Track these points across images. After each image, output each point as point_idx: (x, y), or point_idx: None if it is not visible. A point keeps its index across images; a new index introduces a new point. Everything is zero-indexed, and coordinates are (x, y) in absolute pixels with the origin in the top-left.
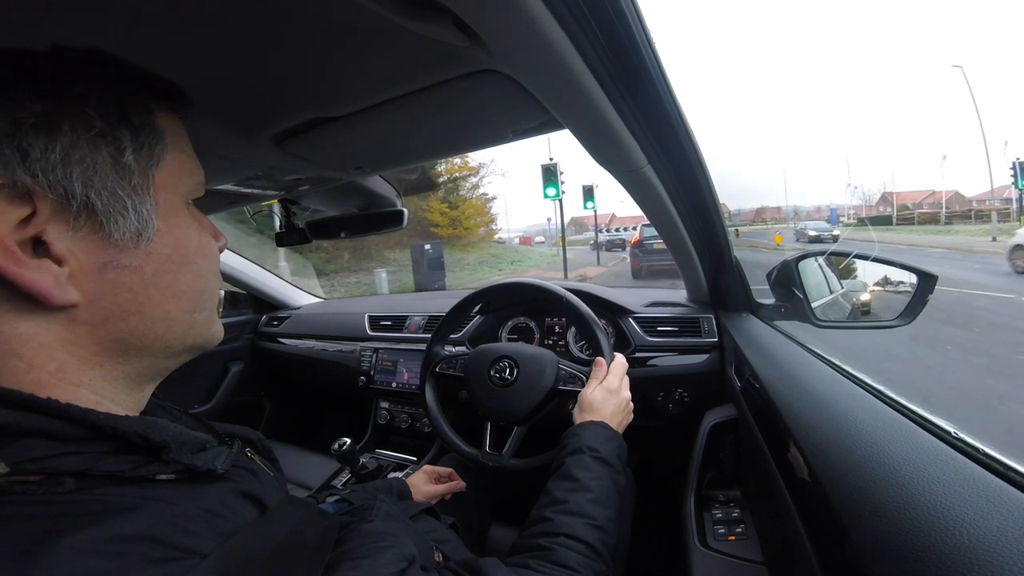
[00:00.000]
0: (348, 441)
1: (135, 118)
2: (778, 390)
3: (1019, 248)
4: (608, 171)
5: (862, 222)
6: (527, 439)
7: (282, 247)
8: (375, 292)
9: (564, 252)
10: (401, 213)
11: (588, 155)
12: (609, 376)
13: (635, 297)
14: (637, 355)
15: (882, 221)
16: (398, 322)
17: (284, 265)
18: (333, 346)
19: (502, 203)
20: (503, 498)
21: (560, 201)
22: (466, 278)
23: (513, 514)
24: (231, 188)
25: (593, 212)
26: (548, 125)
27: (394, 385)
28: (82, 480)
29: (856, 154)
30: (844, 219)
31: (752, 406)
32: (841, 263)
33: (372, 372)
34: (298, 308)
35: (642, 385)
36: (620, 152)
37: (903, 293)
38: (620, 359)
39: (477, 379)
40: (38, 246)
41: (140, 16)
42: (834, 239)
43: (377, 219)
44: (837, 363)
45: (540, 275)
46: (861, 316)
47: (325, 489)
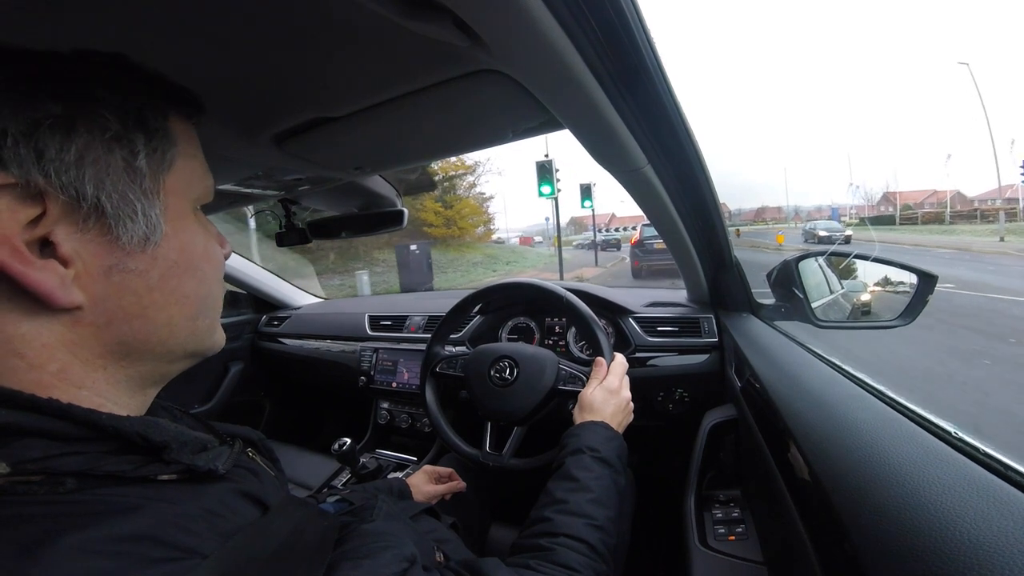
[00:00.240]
0: (348, 441)
1: (150, 123)
2: (778, 390)
3: None
4: (608, 171)
5: (863, 222)
6: (527, 439)
7: (282, 247)
8: (356, 295)
9: (560, 252)
10: (401, 213)
11: (588, 155)
12: (609, 376)
13: (635, 297)
14: (637, 355)
15: (884, 221)
16: (398, 322)
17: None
18: (333, 346)
19: (501, 203)
20: (503, 498)
21: (556, 200)
22: (458, 280)
23: (513, 514)
24: (231, 188)
25: (591, 211)
26: (548, 125)
27: (394, 385)
28: (83, 480)
29: (858, 153)
30: (846, 219)
31: (752, 406)
32: (841, 263)
33: (372, 372)
34: (298, 308)
35: (642, 385)
36: (620, 152)
37: (903, 293)
38: (620, 359)
39: (477, 379)
40: (45, 246)
41: (140, 16)
42: (846, 240)
43: (377, 219)
44: (837, 363)
45: (535, 276)
46: (861, 316)
47: (325, 489)
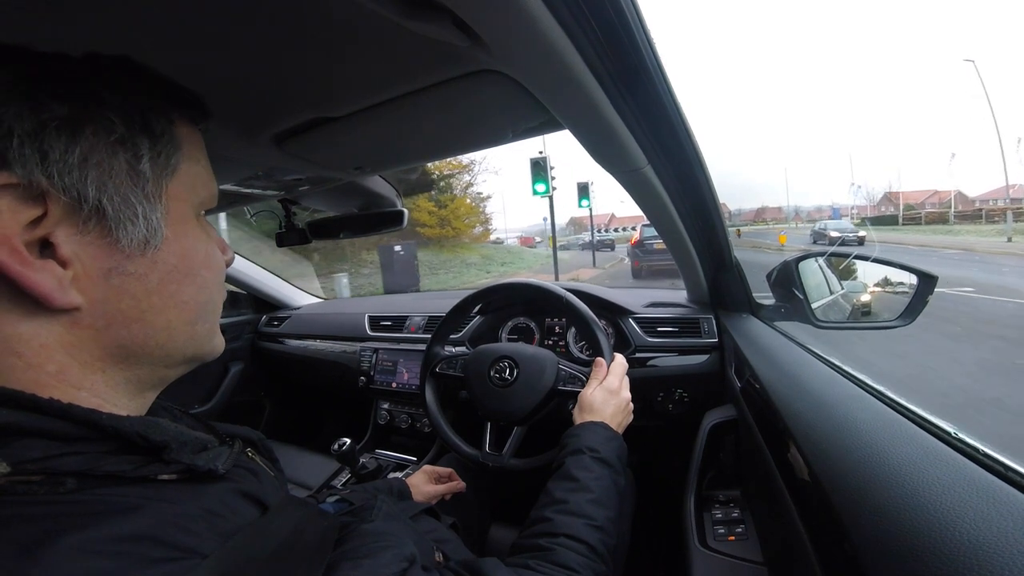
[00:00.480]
0: (348, 441)
1: (155, 127)
2: (778, 390)
3: None
4: (608, 171)
5: (864, 222)
6: (527, 439)
7: (282, 247)
8: (335, 298)
9: (555, 253)
10: (401, 213)
11: (588, 154)
12: (609, 376)
13: (635, 297)
14: (637, 355)
15: (886, 221)
16: (398, 322)
17: None
18: (333, 346)
19: (499, 202)
20: (503, 498)
21: (551, 198)
22: (449, 282)
23: (513, 514)
24: (231, 188)
25: (589, 211)
26: (548, 125)
27: (394, 385)
28: (83, 480)
29: (860, 152)
30: (847, 219)
31: (752, 406)
32: (841, 264)
33: (372, 372)
34: (298, 308)
35: (642, 385)
36: (620, 152)
37: (903, 294)
38: (620, 359)
39: (477, 379)
40: (45, 247)
41: (140, 16)
42: (860, 241)
43: (377, 219)
44: (837, 363)
45: (530, 277)
46: (861, 317)
47: (325, 489)
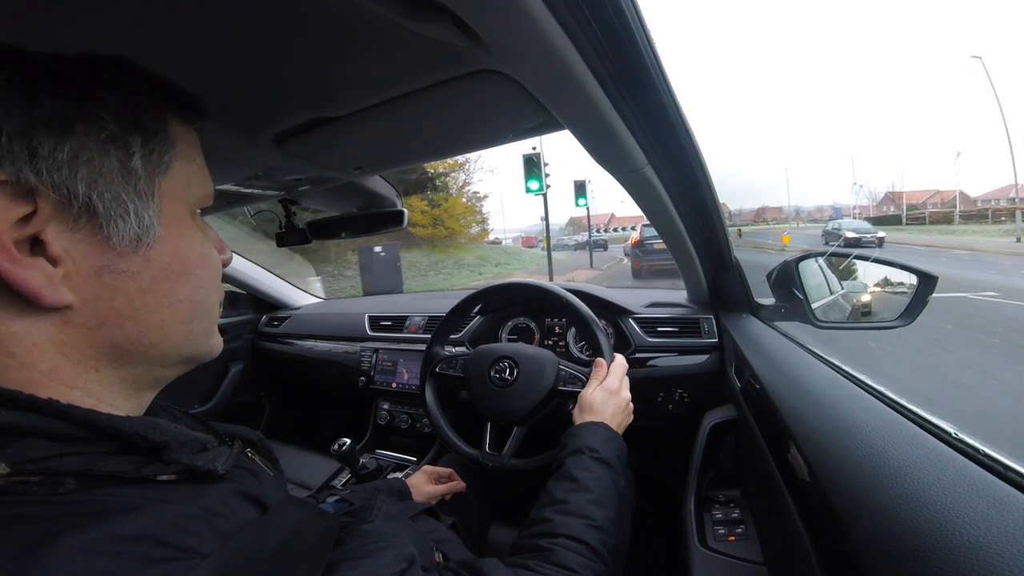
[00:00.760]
0: (348, 441)
1: (148, 125)
2: (778, 391)
3: None
4: (608, 171)
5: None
6: (527, 439)
7: (282, 247)
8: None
9: (549, 253)
10: (401, 213)
11: (588, 154)
12: (609, 377)
13: (635, 297)
14: (637, 355)
15: (889, 221)
16: (398, 322)
17: None
18: (333, 346)
19: (498, 202)
20: (503, 498)
21: (545, 196)
22: (439, 284)
23: (513, 514)
24: (231, 188)
25: (586, 210)
26: (548, 125)
27: (394, 385)
28: (83, 480)
29: (862, 152)
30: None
31: (752, 406)
32: (841, 264)
33: (372, 372)
34: (298, 308)
35: (642, 386)
36: (620, 152)
37: (903, 294)
38: (620, 360)
39: (477, 379)
40: (36, 245)
41: (140, 17)
42: (879, 242)
43: (377, 219)
44: (837, 364)
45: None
46: (862, 317)
47: (325, 489)
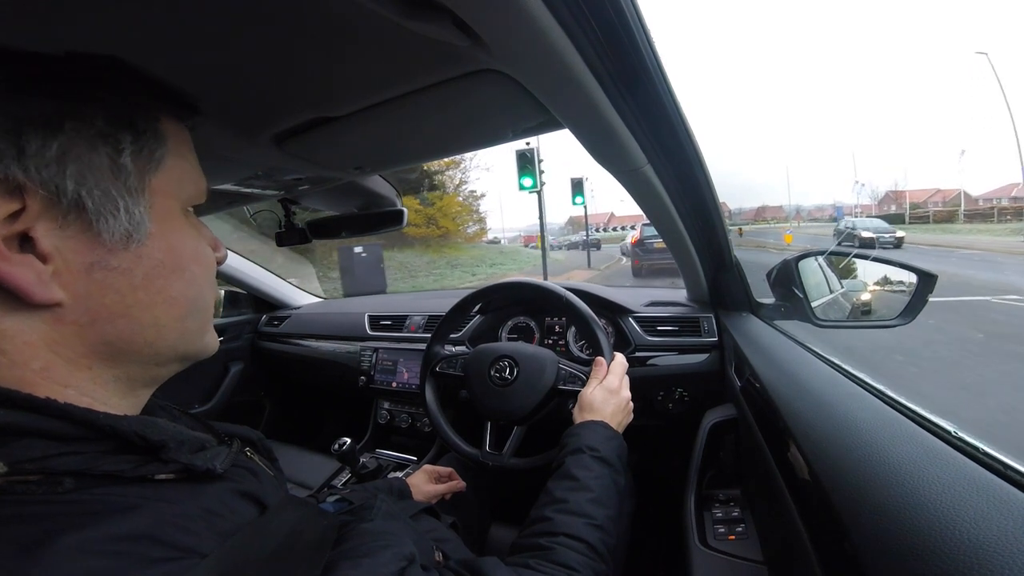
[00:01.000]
0: (348, 441)
1: (138, 122)
2: (778, 389)
3: None
4: (608, 170)
5: None
6: (527, 439)
7: (282, 247)
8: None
9: (544, 253)
10: (401, 213)
11: (587, 153)
12: (609, 376)
13: (635, 296)
14: (637, 355)
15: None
16: (398, 322)
17: None
18: (333, 346)
19: (496, 200)
20: (503, 498)
21: (540, 194)
22: (428, 285)
23: (513, 514)
24: (231, 188)
25: (583, 208)
26: (548, 125)
27: (394, 385)
28: (81, 480)
29: (863, 150)
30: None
31: (752, 405)
32: (841, 263)
33: (372, 372)
34: (298, 308)
35: (642, 385)
36: (620, 151)
37: (903, 293)
38: (620, 359)
39: (477, 378)
40: (25, 242)
41: (140, 17)
42: (897, 243)
43: (377, 219)
44: (837, 363)
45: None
46: (861, 316)
47: (325, 489)
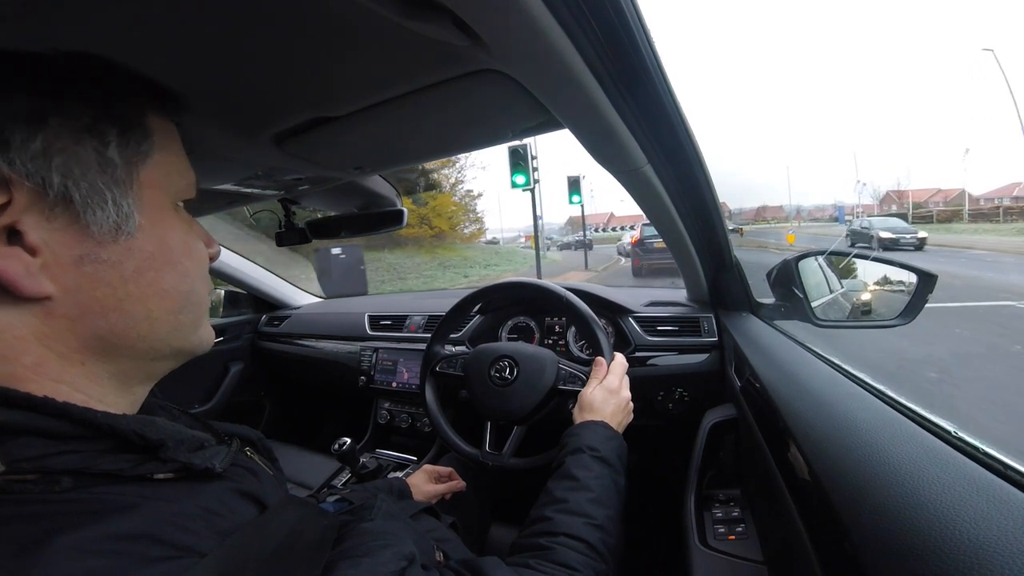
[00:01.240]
0: (348, 441)
1: (124, 117)
2: (778, 389)
3: None
4: (607, 170)
5: None
6: (527, 438)
7: (282, 247)
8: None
9: (538, 253)
10: (401, 213)
11: (587, 153)
12: (609, 376)
13: (635, 296)
14: (637, 354)
15: None
16: (398, 322)
17: None
18: (333, 346)
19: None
20: (503, 498)
21: (533, 192)
22: (417, 288)
23: (513, 514)
24: (231, 188)
25: (580, 207)
26: (548, 125)
27: (394, 385)
28: (79, 479)
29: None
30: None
31: (752, 405)
32: (841, 263)
33: (372, 372)
34: (298, 308)
35: (642, 385)
36: (620, 151)
37: (903, 293)
38: (620, 359)
39: (477, 378)
40: (13, 235)
41: (140, 17)
42: (920, 243)
43: (377, 219)
44: (837, 363)
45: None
46: (861, 316)
47: (325, 489)
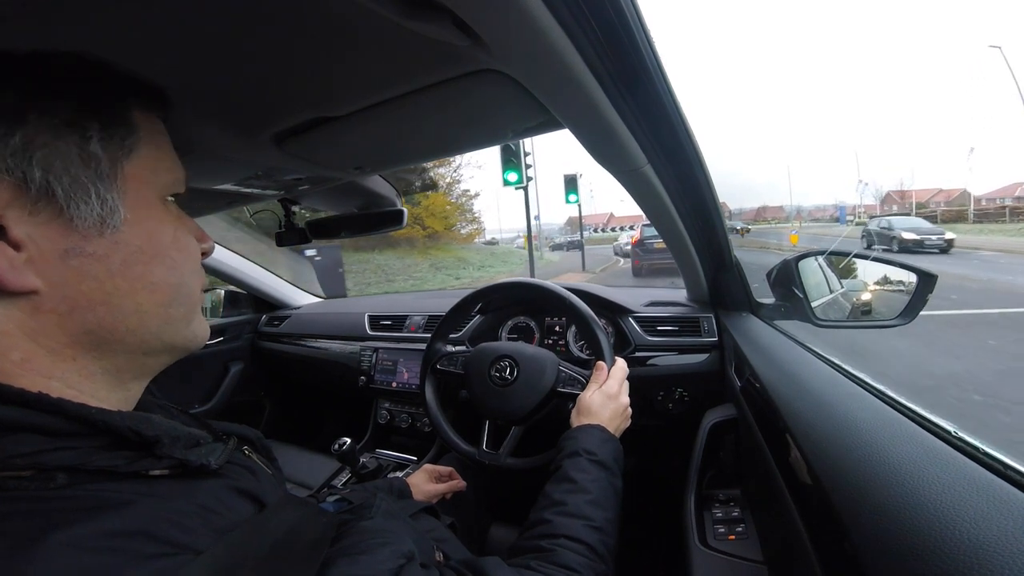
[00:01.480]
0: (348, 441)
1: (107, 112)
2: (778, 389)
3: None
4: (608, 170)
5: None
6: (525, 439)
7: (282, 247)
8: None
9: (531, 253)
10: (401, 213)
11: (587, 152)
12: (609, 380)
13: (635, 296)
14: (637, 355)
15: None
16: (398, 322)
17: None
18: (333, 346)
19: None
20: (503, 498)
21: (526, 190)
22: (404, 291)
23: (513, 514)
24: (231, 188)
25: (578, 206)
26: (548, 125)
27: (394, 385)
28: (74, 475)
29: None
30: (852, 219)
31: (752, 405)
32: (841, 263)
33: (372, 372)
34: (298, 308)
35: (642, 385)
36: (620, 151)
37: (903, 293)
38: (621, 364)
39: (477, 377)
40: None
41: (140, 17)
42: (947, 245)
43: (377, 219)
44: (837, 362)
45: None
46: (861, 316)
47: (325, 489)
